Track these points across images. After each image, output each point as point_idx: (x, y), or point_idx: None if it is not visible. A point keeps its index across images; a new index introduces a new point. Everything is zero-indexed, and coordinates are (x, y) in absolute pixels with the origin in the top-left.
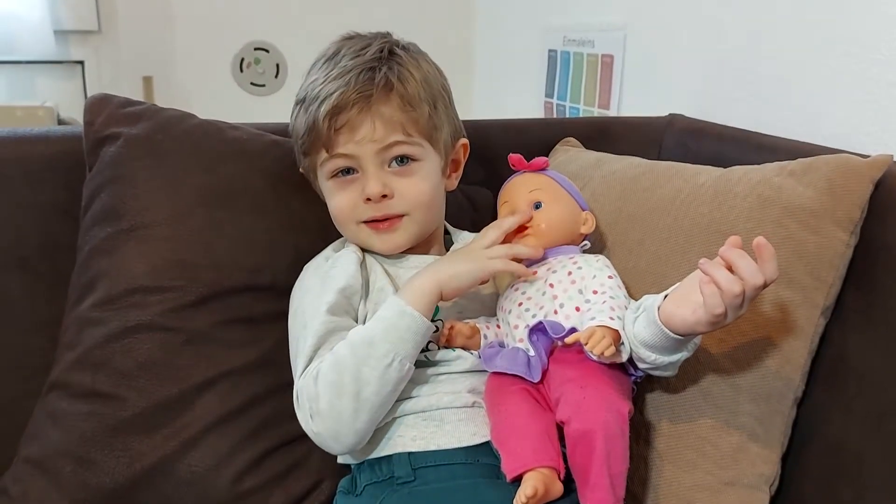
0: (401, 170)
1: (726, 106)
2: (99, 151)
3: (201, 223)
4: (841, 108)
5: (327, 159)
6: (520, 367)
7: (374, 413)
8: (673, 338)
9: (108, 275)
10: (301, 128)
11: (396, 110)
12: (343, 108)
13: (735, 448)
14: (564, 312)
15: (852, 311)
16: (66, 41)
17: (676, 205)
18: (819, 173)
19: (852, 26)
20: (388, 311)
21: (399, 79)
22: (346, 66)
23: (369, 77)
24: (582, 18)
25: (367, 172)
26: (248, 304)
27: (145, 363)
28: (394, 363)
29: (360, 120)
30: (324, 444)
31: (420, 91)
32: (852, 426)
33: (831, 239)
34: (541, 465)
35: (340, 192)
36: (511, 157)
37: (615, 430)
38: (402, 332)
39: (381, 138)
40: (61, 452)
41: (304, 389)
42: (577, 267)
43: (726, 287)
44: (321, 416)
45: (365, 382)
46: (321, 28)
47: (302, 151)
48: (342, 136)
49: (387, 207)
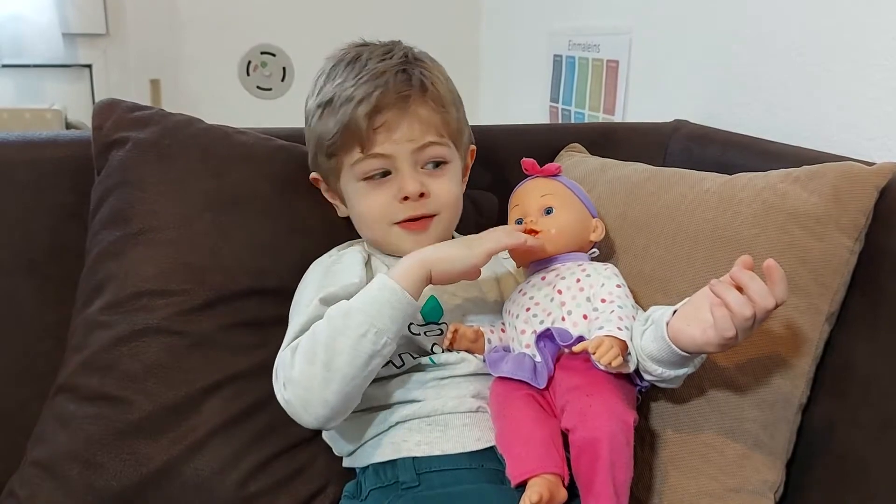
0: (433, 171)
1: (731, 112)
2: (107, 155)
3: (208, 227)
4: (846, 114)
5: (362, 159)
6: (526, 373)
7: (344, 385)
8: (680, 354)
9: (116, 278)
10: (331, 128)
11: (431, 111)
12: (382, 107)
13: (740, 455)
14: (572, 320)
15: (857, 318)
16: (74, 44)
17: (681, 211)
18: (824, 180)
19: (858, 33)
20: (372, 285)
21: (431, 81)
22: (377, 67)
23: (406, 78)
24: (587, 23)
25: (402, 172)
26: (254, 307)
27: (152, 366)
28: (368, 334)
29: (399, 120)
30: (295, 413)
31: (448, 94)
32: (857, 433)
33: (836, 245)
34: (546, 471)
35: (373, 193)
36: (524, 162)
37: (620, 440)
38: (381, 305)
39: (417, 138)
40: (68, 455)
41: (281, 359)
42: (585, 275)
43: (737, 310)
44: (292, 384)
45: (337, 352)
46: (328, 32)
47: (328, 152)
48: (380, 136)
49: (423, 206)
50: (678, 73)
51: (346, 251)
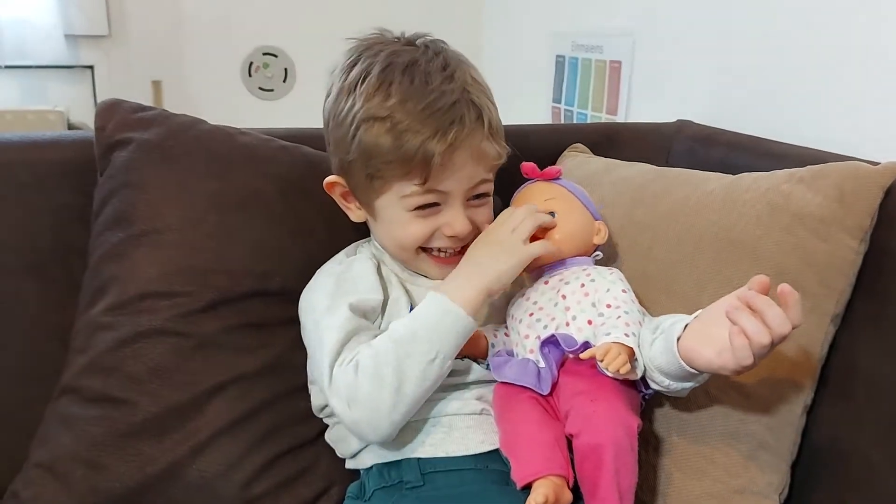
0: (478, 202)
1: (735, 112)
2: (110, 156)
3: (212, 228)
4: (851, 114)
5: (418, 193)
6: (530, 379)
7: (411, 406)
8: (690, 371)
9: (120, 279)
10: (388, 149)
11: (489, 146)
12: (457, 147)
13: (745, 456)
14: (577, 325)
15: (862, 319)
16: (76, 46)
17: (686, 212)
18: (829, 180)
19: (862, 33)
20: (433, 308)
21: (489, 109)
22: (444, 93)
23: (476, 114)
24: (590, 24)
25: (452, 208)
26: (257, 309)
27: (156, 368)
28: (436, 360)
29: (467, 160)
30: (360, 432)
31: (499, 120)
32: (862, 434)
33: (841, 246)
34: (551, 472)
35: (418, 223)
36: (524, 166)
37: (625, 445)
38: (447, 332)
39: (473, 176)
40: (72, 457)
41: (343, 378)
42: (590, 279)
43: (755, 339)
44: (359, 405)
45: (406, 377)
46: (330, 33)
47: (376, 174)
48: (447, 172)
49: (464, 241)
50: (682, 74)
51: (354, 258)
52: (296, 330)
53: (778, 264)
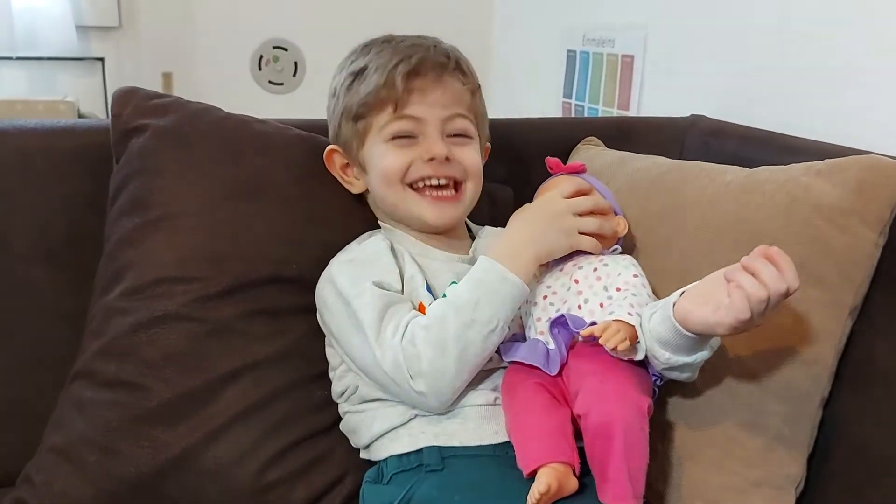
0: (458, 140)
1: (749, 106)
2: (126, 143)
3: (228, 215)
4: (868, 109)
5: (392, 120)
6: (539, 359)
7: (473, 371)
8: (686, 335)
9: (136, 265)
10: (361, 91)
11: (462, 87)
12: (421, 71)
13: (762, 448)
14: (588, 308)
15: (880, 313)
16: (87, 37)
17: (703, 203)
18: (848, 173)
19: (878, 25)
20: (490, 275)
21: (465, 64)
22: (415, 41)
23: (443, 52)
24: (602, 18)
25: (429, 137)
26: (273, 296)
27: (171, 353)
28: (497, 329)
29: (434, 85)
30: (425, 403)
31: (475, 79)
32: (879, 428)
33: (860, 238)
34: (554, 460)
35: (398, 152)
36: (549, 161)
37: (634, 424)
38: (504, 298)
39: (447, 105)
40: (85, 442)
41: (401, 351)
42: (603, 265)
43: (752, 291)
44: (423, 376)
45: (469, 343)
46: (340, 27)
47: (356, 114)
48: (414, 96)
49: (446, 169)
50: (694, 68)
51: (365, 241)
52: (311, 318)
53: (797, 256)
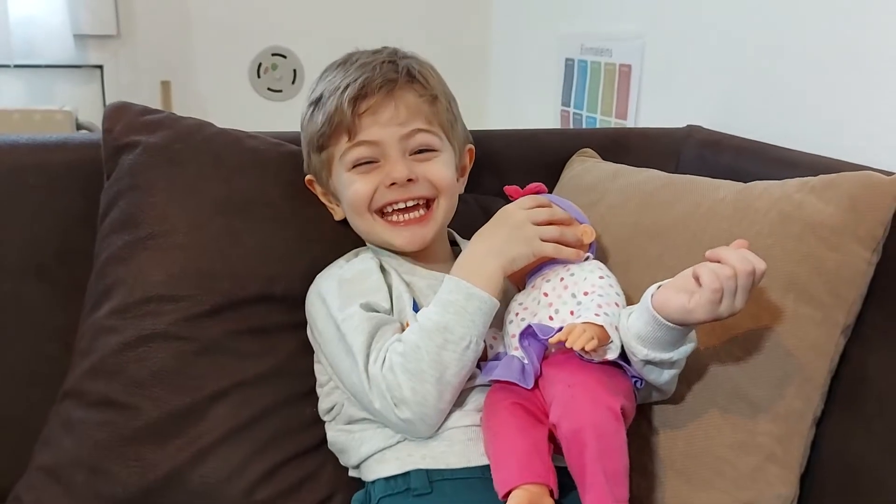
0: (423, 156)
1: (745, 118)
2: (117, 159)
3: (218, 233)
4: (864, 122)
5: (349, 148)
6: (514, 374)
7: (455, 392)
8: (665, 325)
9: (125, 283)
10: (318, 121)
11: (418, 98)
12: (367, 93)
13: (753, 468)
14: (560, 317)
15: (873, 330)
16: (85, 45)
17: (696, 219)
18: (841, 190)
19: (874, 38)
20: (455, 295)
21: (420, 72)
22: (366, 61)
23: (392, 67)
24: (600, 27)
25: (390, 158)
26: (262, 314)
27: (159, 372)
28: (471, 345)
29: (384, 104)
30: (413, 429)
31: (438, 85)
32: (872, 447)
33: (853, 256)
34: (527, 481)
35: (361, 180)
36: (507, 189)
37: (606, 427)
38: (474, 315)
39: (404, 122)
40: (74, 461)
41: (382, 380)
42: (569, 274)
43: (718, 270)
44: (407, 404)
45: (446, 366)
46: (338, 34)
47: (318, 146)
48: (366, 120)
49: (411, 191)
50: (692, 78)
51: (355, 259)
52: (300, 336)
53: (788, 273)
